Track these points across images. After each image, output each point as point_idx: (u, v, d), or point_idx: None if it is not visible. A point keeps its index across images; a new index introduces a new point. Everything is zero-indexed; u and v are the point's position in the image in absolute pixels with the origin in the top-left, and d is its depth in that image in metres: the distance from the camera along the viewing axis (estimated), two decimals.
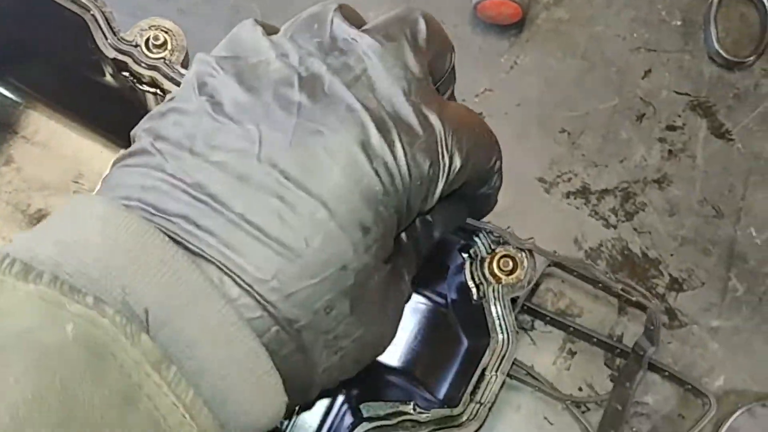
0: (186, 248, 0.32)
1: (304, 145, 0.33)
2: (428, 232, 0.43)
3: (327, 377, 0.36)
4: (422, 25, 0.38)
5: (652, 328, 0.56)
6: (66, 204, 0.33)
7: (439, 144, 0.35)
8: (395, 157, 0.34)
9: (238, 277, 0.32)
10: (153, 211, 0.32)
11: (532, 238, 0.51)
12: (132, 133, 0.36)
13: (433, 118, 0.36)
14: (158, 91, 0.52)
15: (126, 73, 0.52)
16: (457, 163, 0.36)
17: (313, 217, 0.32)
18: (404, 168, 0.34)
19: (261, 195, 0.32)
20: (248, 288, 0.32)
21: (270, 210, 0.32)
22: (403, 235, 0.40)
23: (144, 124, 0.36)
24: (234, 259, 0.32)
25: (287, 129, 0.33)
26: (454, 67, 0.42)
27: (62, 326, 0.28)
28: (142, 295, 0.30)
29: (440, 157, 0.35)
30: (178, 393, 0.30)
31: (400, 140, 0.34)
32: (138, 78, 0.52)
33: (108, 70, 0.54)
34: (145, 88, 0.52)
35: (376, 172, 0.33)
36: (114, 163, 0.36)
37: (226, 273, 0.32)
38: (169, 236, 0.32)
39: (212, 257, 0.32)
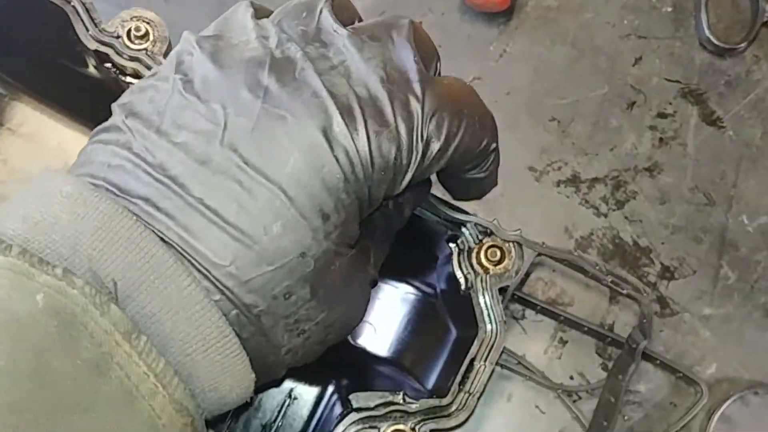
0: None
1: (266, 130, 0.33)
2: (399, 211, 0.42)
3: (292, 357, 0.36)
4: (408, 31, 0.37)
5: (644, 321, 0.56)
6: (34, 180, 0.33)
7: (414, 131, 0.35)
8: (357, 145, 0.33)
9: (196, 260, 0.32)
10: (117, 192, 0.32)
11: (518, 229, 0.51)
12: (112, 106, 0.36)
13: (413, 101, 0.35)
14: None
15: (108, 65, 0.52)
16: (435, 146, 0.36)
17: (272, 204, 0.32)
18: (366, 157, 0.34)
19: (220, 179, 0.32)
20: (206, 272, 0.32)
21: (228, 195, 0.32)
22: (375, 216, 0.40)
23: (123, 98, 0.36)
24: (192, 243, 0.32)
25: (252, 113, 0.33)
26: (440, 74, 0.41)
27: (32, 296, 0.28)
28: (110, 269, 0.30)
29: (413, 143, 0.35)
30: (149, 362, 0.30)
31: (366, 128, 0.34)
32: (121, 69, 0.52)
33: (91, 61, 0.54)
34: (129, 79, 0.52)
35: (337, 160, 0.33)
36: (91, 137, 0.36)
37: (184, 256, 0.32)
38: None
39: (171, 240, 0.32)
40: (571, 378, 0.60)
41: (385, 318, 0.55)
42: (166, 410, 0.30)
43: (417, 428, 0.46)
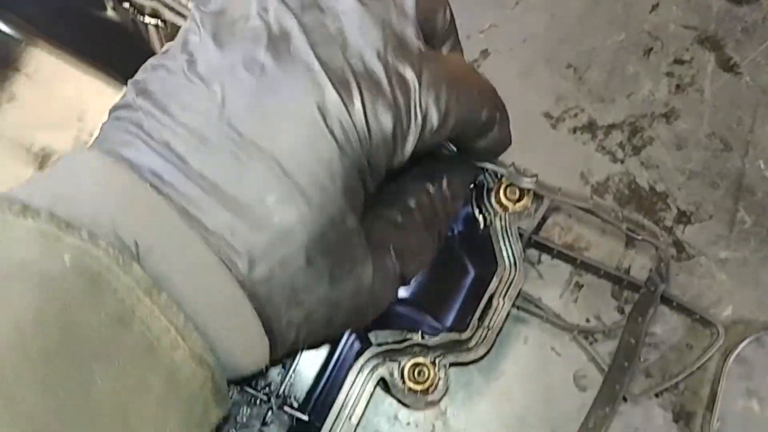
0: None
1: (261, 106, 0.34)
2: (439, 199, 0.43)
3: (294, 332, 0.37)
4: None
5: (662, 264, 0.56)
6: (63, 158, 0.35)
7: (412, 101, 0.35)
8: (352, 117, 0.34)
9: (197, 228, 0.33)
10: (130, 167, 0.34)
11: (536, 174, 0.51)
12: (128, 82, 0.38)
13: (409, 75, 0.36)
14: (160, 21, 0.52)
15: (127, 4, 0.52)
16: (434, 119, 0.36)
17: (266, 176, 0.33)
18: (362, 127, 0.34)
19: (218, 154, 0.33)
20: (205, 239, 0.33)
21: (225, 169, 0.33)
22: (394, 211, 0.41)
23: (138, 74, 0.38)
24: (192, 212, 0.33)
25: (248, 90, 0.34)
26: (453, 19, 0.41)
27: (60, 256, 0.30)
28: (130, 232, 0.32)
29: (412, 115, 0.36)
30: (170, 317, 0.31)
31: (361, 99, 0.34)
32: (139, 9, 0.52)
33: (109, 3, 0.54)
34: (147, 19, 0.52)
35: (332, 132, 0.34)
36: (110, 111, 0.37)
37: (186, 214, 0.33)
38: None
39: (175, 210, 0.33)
40: (587, 321, 0.60)
41: None
42: (187, 363, 0.32)
43: (437, 362, 0.47)
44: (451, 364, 0.47)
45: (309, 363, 0.52)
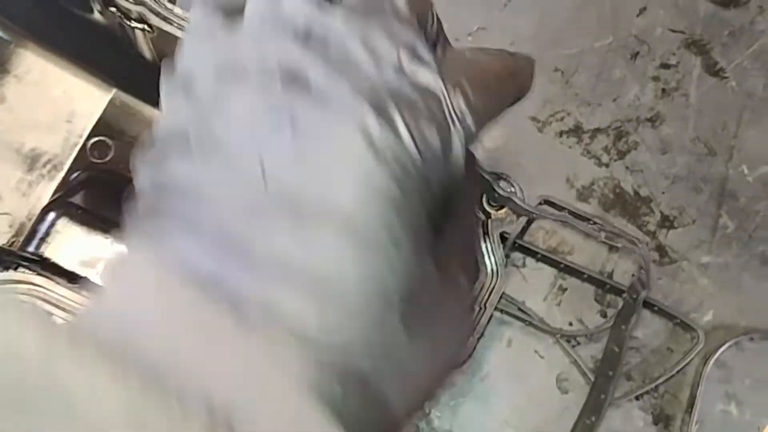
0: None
1: (307, 158, 0.30)
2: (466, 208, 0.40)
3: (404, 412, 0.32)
4: None
5: (642, 271, 0.56)
6: (118, 264, 0.30)
7: (445, 108, 0.31)
8: (402, 140, 0.30)
9: (275, 316, 0.28)
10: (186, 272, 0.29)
11: (513, 189, 0.49)
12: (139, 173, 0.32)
13: (432, 81, 0.31)
14: (146, 27, 0.52)
15: (113, 9, 0.52)
16: (470, 125, 0.31)
17: (338, 239, 0.29)
18: (412, 149, 0.30)
19: (276, 226, 0.29)
20: (285, 326, 0.28)
21: (288, 242, 0.29)
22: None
23: (142, 173, 0.31)
24: (265, 299, 0.28)
25: (285, 146, 0.30)
26: (438, 20, 0.39)
27: None
28: (222, 395, 0.26)
29: (449, 122, 0.31)
30: None
31: (403, 119, 0.30)
32: (125, 14, 0.52)
33: (96, 6, 0.54)
34: (134, 24, 0.52)
35: (388, 167, 0.29)
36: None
37: (262, 316, 0.28)
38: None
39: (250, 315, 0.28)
40: (570, 324, 0.60)
41: None
42: None
43: None
44: None
45: None
